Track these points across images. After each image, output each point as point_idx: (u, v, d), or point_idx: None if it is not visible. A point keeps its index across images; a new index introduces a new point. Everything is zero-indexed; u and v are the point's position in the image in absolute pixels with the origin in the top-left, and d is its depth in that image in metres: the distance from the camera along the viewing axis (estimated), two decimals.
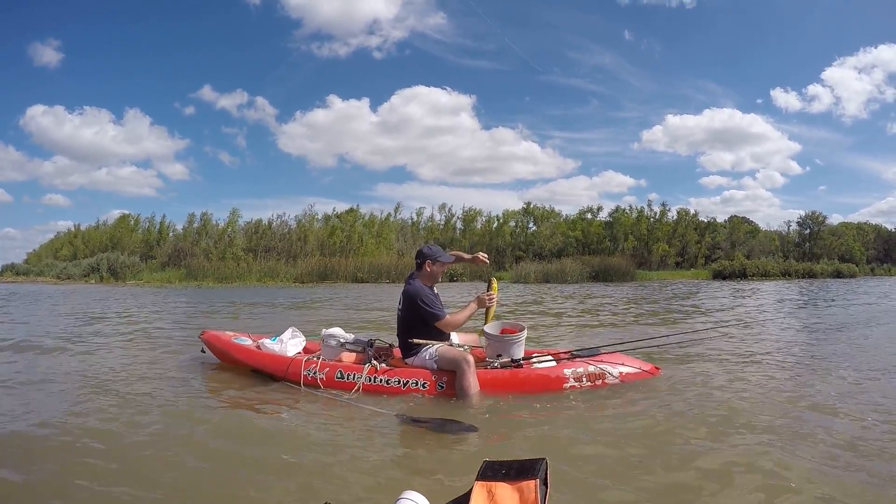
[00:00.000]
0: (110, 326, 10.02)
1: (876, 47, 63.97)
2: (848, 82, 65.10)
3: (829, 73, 70.00)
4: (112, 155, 67.93)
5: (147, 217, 54.15)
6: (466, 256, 5.22)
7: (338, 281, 37.21)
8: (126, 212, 55.52)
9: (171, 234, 50.99)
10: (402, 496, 1.17)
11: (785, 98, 69.33)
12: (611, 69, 76.37)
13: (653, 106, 77.12)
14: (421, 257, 5.00)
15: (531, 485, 1.00)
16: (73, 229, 56.97)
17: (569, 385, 4.61)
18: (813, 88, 69.70)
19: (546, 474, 1.04)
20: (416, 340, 4.78)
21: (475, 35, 78.06)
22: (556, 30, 76.65)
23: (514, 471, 1.04)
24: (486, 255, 5.11)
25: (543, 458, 1.06)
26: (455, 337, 5.15)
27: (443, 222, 55.40)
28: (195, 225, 50.14)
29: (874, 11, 73.40)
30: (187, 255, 44.44)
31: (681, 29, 75.20)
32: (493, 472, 1.05)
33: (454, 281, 35.16)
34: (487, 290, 4.89)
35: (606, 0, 77.19)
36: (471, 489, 1.16)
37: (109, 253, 44.44)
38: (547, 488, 1.03)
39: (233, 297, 20.39)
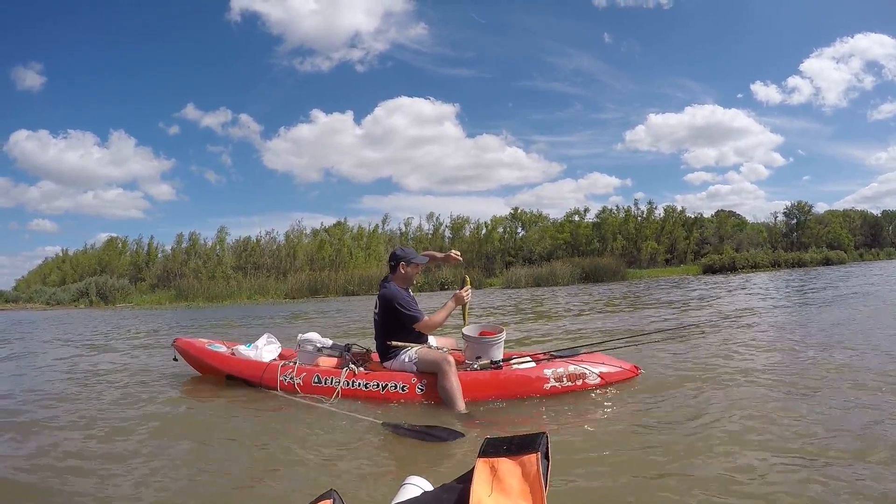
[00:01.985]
0: (90, 349, 9.94)
1: (852, 36, 64.66)
2: (826, 72, 65.79)
3: (808, 65, 70.92)
4: (98, 178, 67.63)
5: (135, 239, 53.82)
6: (439, 255, 5.21)
7: (329, 295, 37.09)
8: (114, 235, 55.19)
9: (159, 255, 50.73)
10: (405, 481, 1.17)
11: (765, 91, 69.98)
12: (590, 72, 76.84)
13: (634, 106, 77.63)
14: (394, 259, 4.97)
15: (533, 458, 1.01)
16: (60, 254, 56.75)
17: (549, 386, 4.58)
18: (792, 80, 70.19)
19: (547, 448, 1.05)
20: (394, 343, 4.75)
21: (455, 44, 78.46)
22: (535, 36, 76.98)
23: (515, 446, 1.06)
24: (458, 253, 5.09)
25: (544, 433, 1.07)
26: (433, 340, 5.12)
27: (431, 231, 55.28)
28: (184, 245, 49.92)
29: (849, 1, 74.51)
30: (177, 275, 44.27)
31: (659, 29, 75.86)
32: (495, 448, 1.06)
33: (445, 289, 35.12)
34: (462, 287, 4.85)
35: (583, 4, 77.70)
36: (473, 466, 1.17)
37: (98, 277, 44.15)
38: (548, 462, 1.04)
39: (223, 316, 20.28)
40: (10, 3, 66.30)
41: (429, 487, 1.15)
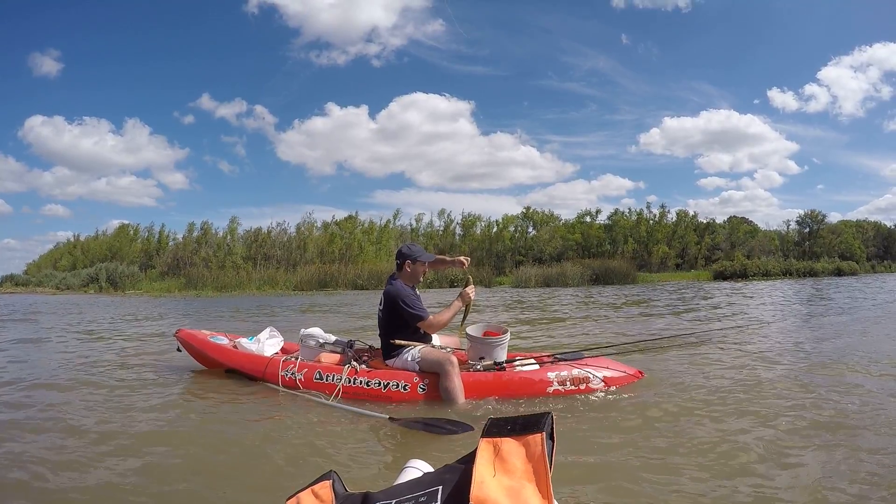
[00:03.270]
0: (94, 337, 9.97)
1: (871, 45, 64.27)
2: (844, 81, 65.43)
3: (825, 73, 70.40)
4: (112, 165, 68.07)
5: (146, 227, 54.07)
6: (448, 259, 5.12)
7: (338, 288, 37.18)
8: (125, 221, 55.44)
9: (170, 244, 50.91)
10: (407, 464, 1.16)
11: (782, 98, 69.48)
12: (606, 73, 76.64)
13: (649, 108, 77.50)
14: (401, 257, 4.92)
15: (537, 438, 0.99)
16: (72, 239, 56.94)
17: (552, 389, 4.53)
18: (809, 88, 70.00)
19: (552, 428, 1.03)
20: (397, 342, 4.70)
21: (472, 41, 78.34)
22: (551, 35, 76.54)
23: (519, 426, 1.04)
24: (467, 258, 5.01)
25: (549, 413, 1.05)
26: (436, 339, 5.07)
27: (442, 228, 55.24)
28: (195, 234, 50.09)
29: (868, 10, 74.07)
30: (187, 264, 44.48)
31: (677, 32, 75.28)
32: (499, 428, 1.05)
33: (454, 286, 35.07)
34: (466, 286, 4.81)
35: (601, 4, 77.19)
36: (476, 447, 1.16)
37: (108, 263, 44.39)
38: (553, 442, 1.02)
39: (232, 306, 20.33)
40: None
41: (430, 469, 1.14)
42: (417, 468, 1.14)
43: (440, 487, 0.97)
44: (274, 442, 3.46)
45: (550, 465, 0.96)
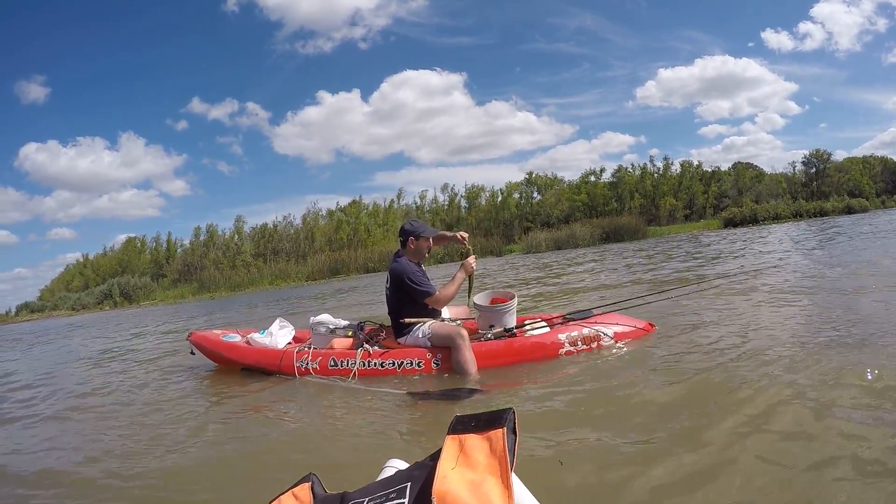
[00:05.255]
0: (109, 352, 10.06)
1: None
2: (838, 16, 65.11)
3: (819, 9, 69.91)
4: (111, 181, 68.75)
5: (153, 237, 54.55)
6: (449, 235, 5.08)
7: (350, 274, 37.43)
8: (132, 235, 55.85)
9: (179, 250, 51.26)
10: (386, 464, 1.20)
11: (776, 39, 69.05)
12: (594, 30, 76.65)
13: (642, 61, 77.43)
14: (404, 234, 4.88)
15: (499, 433, 1.04)
16: (81, 260, 57.46)
17: (565, 350, 4.52)
18: (804, 26, 69.72)
19: (514, 423, 1.06)
20: (407, 319, 4.71)
21: (455, 12, 77.74)
22: None
23: (482, 422, 1.08)
24: (465, 234, 4.95)
25: (510, 408, 1.08)
26: (446, 311, 5.05)
27: (447, 202, 55.15)
28: (202, 238, 50.41)
29: None
30: (197, 268, 44.83)
31: None
32: (463, 425, 1.09)
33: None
34: (466, 257, 4.81)
35: None
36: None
37: (120, 277, 44.77)
38: (516, 436, 1.05)
39: (247, 303, 20.47)
40: (7, 18, 66.54)
41: (405, 467, 1.18)
42: (395, 467, 1.18)
43: (409, 484, 1.00)
44: (275, 441, 3.49)
45: (513, 458, 1.00)
